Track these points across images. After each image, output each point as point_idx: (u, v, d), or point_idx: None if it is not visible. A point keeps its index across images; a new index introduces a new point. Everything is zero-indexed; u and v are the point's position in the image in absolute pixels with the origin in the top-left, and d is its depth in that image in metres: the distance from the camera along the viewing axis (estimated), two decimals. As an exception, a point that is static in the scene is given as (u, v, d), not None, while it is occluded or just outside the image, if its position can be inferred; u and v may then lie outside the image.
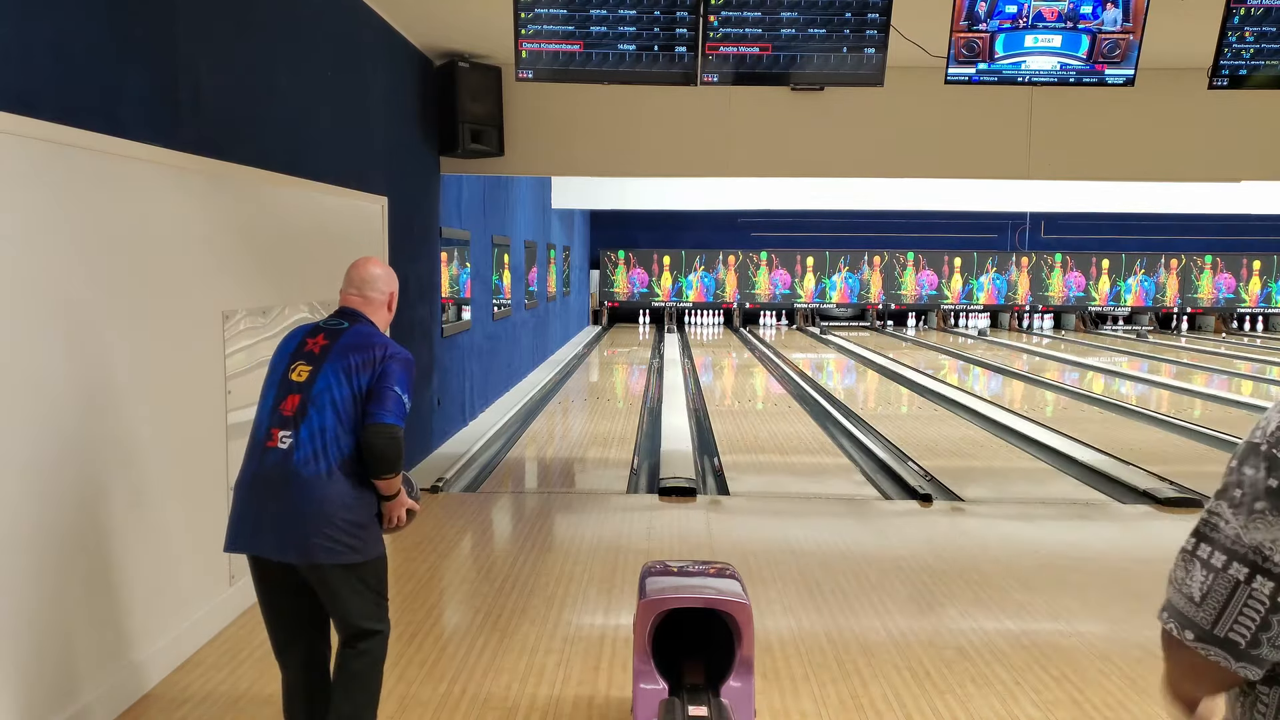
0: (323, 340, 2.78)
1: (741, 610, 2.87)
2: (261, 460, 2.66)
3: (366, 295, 3.01)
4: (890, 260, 22.21)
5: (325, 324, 2.89)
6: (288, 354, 2.79)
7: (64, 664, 3.00)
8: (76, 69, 3.06)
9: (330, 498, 2.61)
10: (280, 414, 2.67)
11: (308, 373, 2.71)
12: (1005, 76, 4.66)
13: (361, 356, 2.73)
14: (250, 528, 2.66)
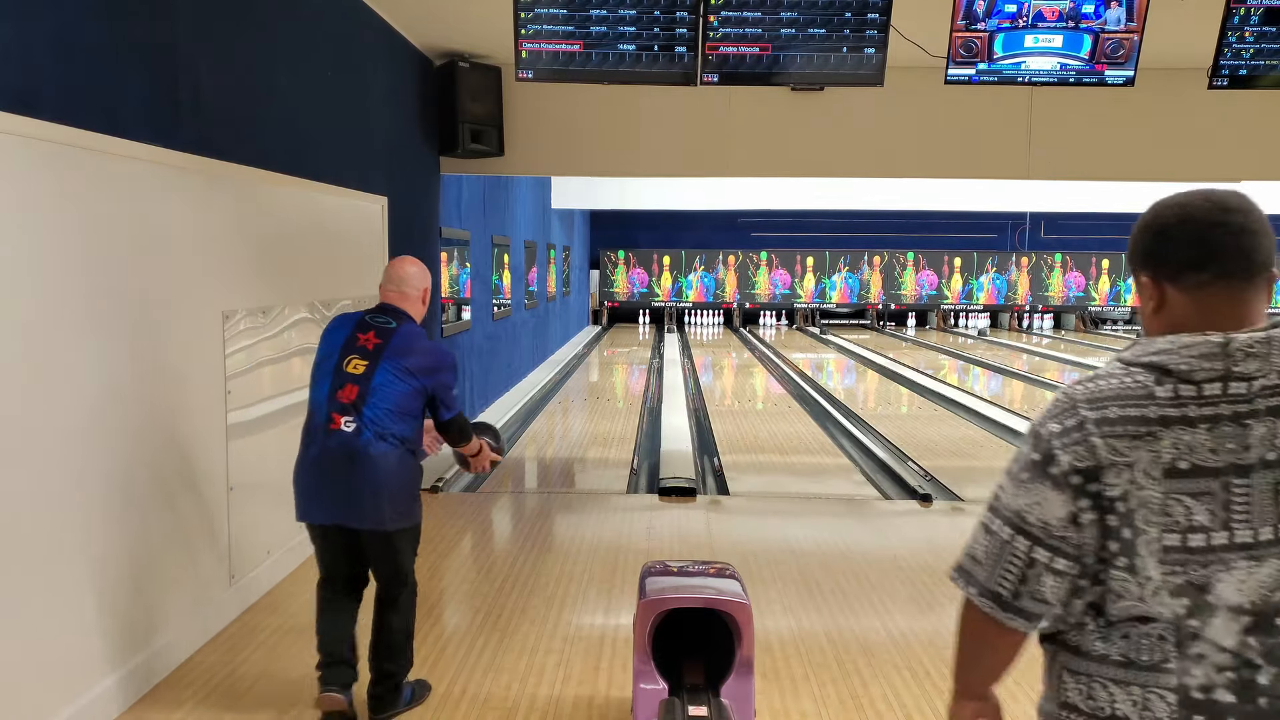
0: (375, 338, 3.17)
1: (741, 610, 2.87)
2: (325, 441, 3.08)
3: (404, 291, 3.33)
4: (890, 260, 22.22)
5: (374, 321, 3.24)
6: (338, 347, 3.18)
7: (62, 663, 3.00)
8: (76, 69, 3.06)
9: (394, 473, 3.09)
10: (339, 401, 3.09)
11: (364, 367, 3.12)
12: (1005, 76, 4.66)
13: (415, 361, 3.17)
14: (320, 500, 3.12)
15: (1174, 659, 1.30)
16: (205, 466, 3.86)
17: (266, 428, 4.39)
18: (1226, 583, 1.28)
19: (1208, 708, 1.28)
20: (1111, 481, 1.31)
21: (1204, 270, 1.35)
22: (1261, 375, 1.30)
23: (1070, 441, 1.35)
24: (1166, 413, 1.31)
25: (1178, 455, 1.29)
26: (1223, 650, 1.28)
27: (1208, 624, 1.29)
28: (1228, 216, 1.35)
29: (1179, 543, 1.29)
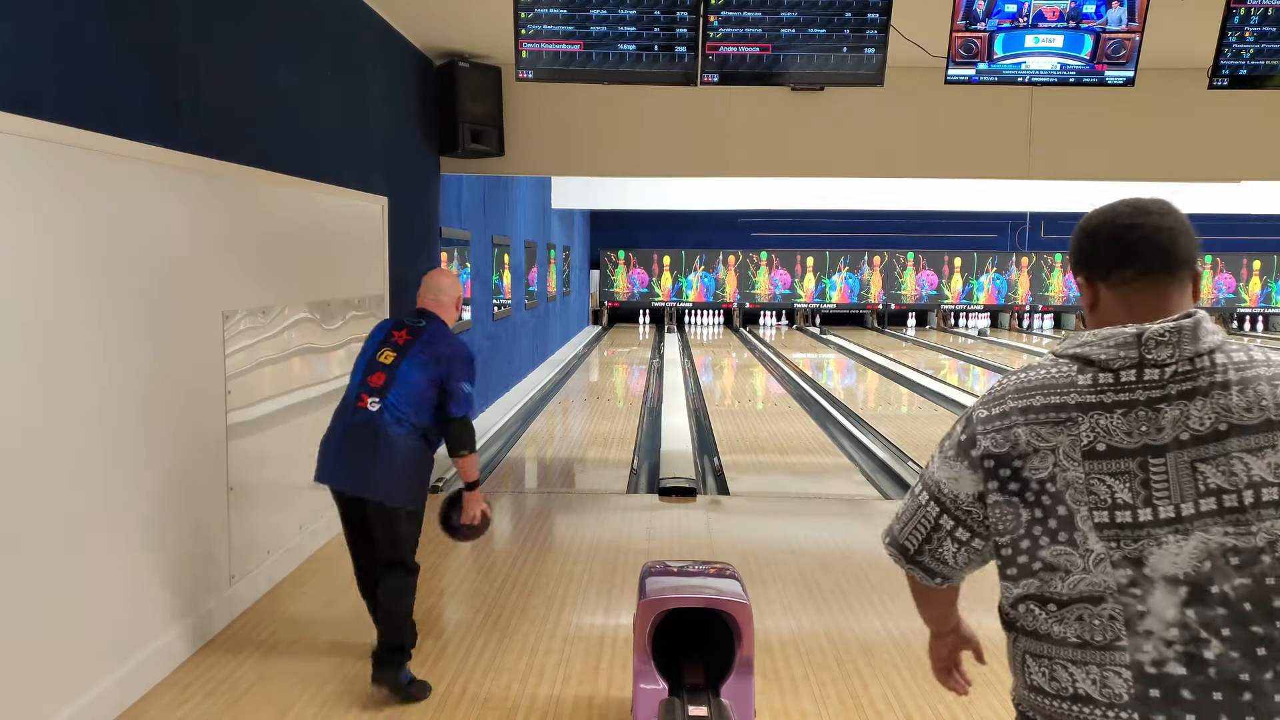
0: (406, 335, 3.55)
1: (741, 610, 2.87)
2: (353, 416, 3.45)
3: (439, 300, 3.72)
4: (890, 260, 22.21)
5: (408, 321, 3.64)
6: (377, 341, 3.58)
7: (63, 663, 3.00)
8: (76, 69, 3.06)
9: (406, 456, 3.42)
10: (369, 384, 3.47)
11: (393, 357, 3.49)
12: (1005, 76, 4.66)
13: (435, 353, 3.50)
14: (337, 466, 3.49)
15: (1125, 637, 1.37)
16: (205, 466, 3.86)
17: (266, 428, 4.39)
18: (1159, 555, 1.37)
19: (1161, 681, 1.35)
20: (1036, 465, 1.44)
21: (1127, 267, 1.47)
22: (1172, 363, 1.40)
23: (992, 429, 1.49)
24: (1085, 399, 1.42)
25: (1095, 438, 1.41)
26: (1168, 625, 1.36)
27: (1149, 595, 1.37)
28: (1146, 218, 1.49)
29: (1108, 519, 1.40)
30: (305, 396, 4.82)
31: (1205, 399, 1.39)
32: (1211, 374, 1.40)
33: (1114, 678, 1.38)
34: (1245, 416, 1.38)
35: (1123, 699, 1.37)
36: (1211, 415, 1.38)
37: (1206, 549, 1.36)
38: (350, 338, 5.42)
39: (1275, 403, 1.37)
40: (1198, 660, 1.34)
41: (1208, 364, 1.40)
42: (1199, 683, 1.34)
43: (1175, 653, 1.35)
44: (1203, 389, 1.39)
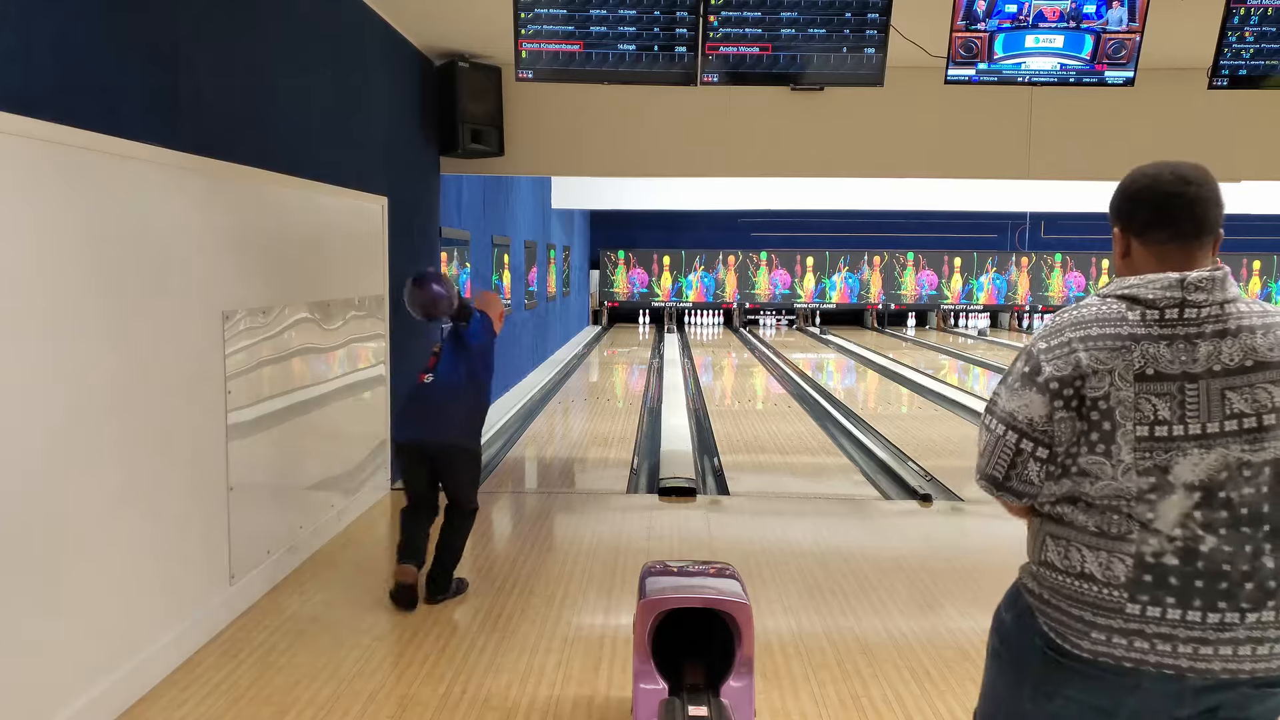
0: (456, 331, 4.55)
1: (741, 610, 2.87)
2: (417, 390, 4.44)
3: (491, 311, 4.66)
4: (890, 260, 22.21)
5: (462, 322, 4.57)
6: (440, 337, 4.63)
7: (63, 663, 3.00)
8: (76, 69, 3.06)
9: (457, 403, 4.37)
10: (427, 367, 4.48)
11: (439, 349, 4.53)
12: (1005, 77, 4.66)
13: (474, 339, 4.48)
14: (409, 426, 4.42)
15: (1136, 532, 1.65)
16: (205, 466, 3.86)
17: (266, 428, 4.39)
18: (1182, 464, 1.64)
19: (1155, 569, 1.63)
20: (1095, 385, 1.67)
21: (1162, 231, 1.72)
22: (1208, 305, 1.66)
23: (1055, 356, 1.71)
24: (1136, 331, 1.67)
25: (1145, 364, 1.65)
26: (1174, 524, 1.63)
27: (1165, 499, 1.64)
28: (1185, 189, 1.70)
29: (1148, 433, 1.65)
30: (305, 396, 4.82)
31: (1235, 339, 1.65)
32: (1239, 319, 1.66)
33: (1118, 563, 1.65)
34: (1269, 355, 1.65)
35: (1119, 580, 1.65)
36: (1240, 352, 1.65)
37: (1224, 461, 1.63)
38: (350, 338, 5.42)
39: None
40: (1192, 553, 1.62)
41: (1234, 310, 1.67)
42: (1187, 572, 1.61)
43: (1175, 547, 1.63)
44: (1232, 330, 1.66)
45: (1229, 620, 1.61)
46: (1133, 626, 1.64)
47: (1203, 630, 1.62)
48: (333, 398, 5.19)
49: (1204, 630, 1.62)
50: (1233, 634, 1.61)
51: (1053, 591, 1.73)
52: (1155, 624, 1.63)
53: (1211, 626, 1.61)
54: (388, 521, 5.68)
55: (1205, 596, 1.61)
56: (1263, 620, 1.62)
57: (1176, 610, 1.62)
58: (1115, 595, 1.65)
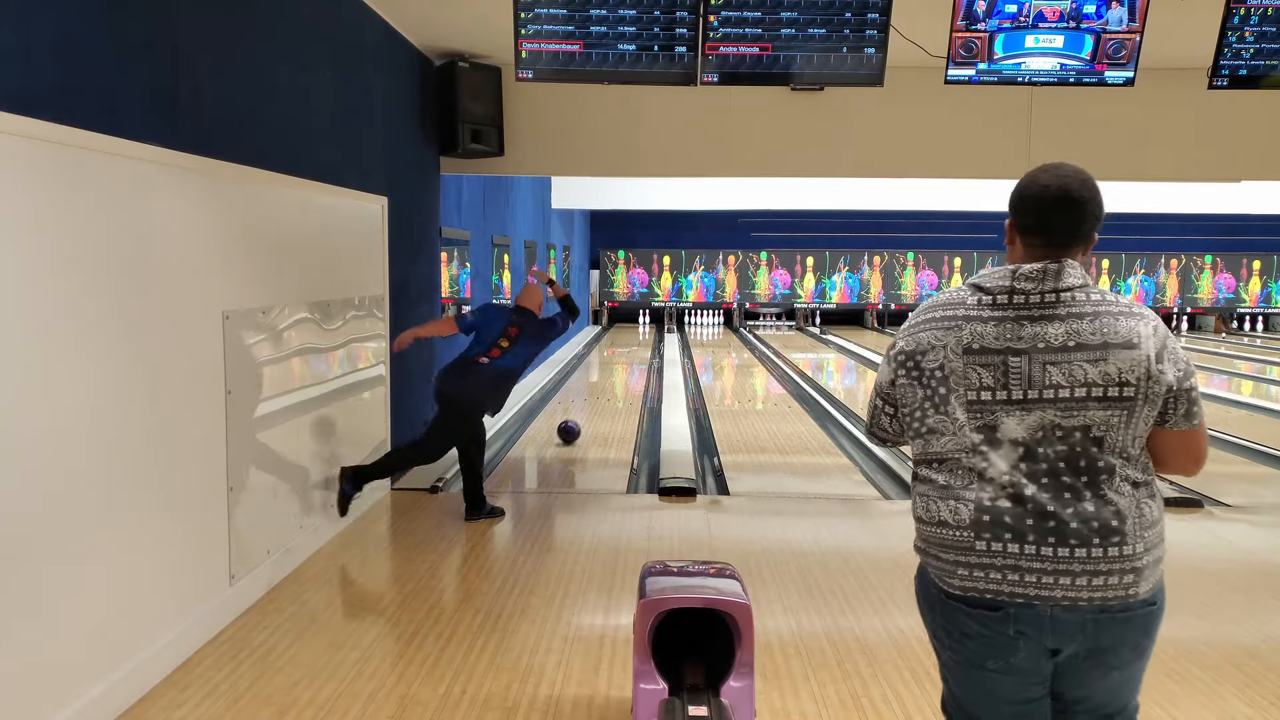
0: (515, 331, 5.56)
1: (741, 610, 2.87)
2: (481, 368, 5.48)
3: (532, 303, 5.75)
4: (890, 260, 22.21)
5: (517, 320, 5.62)
6: (497, 330, 5.55)
7: (62, 663, 3.00)
8: (76, 69, 3.06)
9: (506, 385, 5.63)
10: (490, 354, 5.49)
11: (508, 344, 5.52)
12: (1005, 77, 4.66)
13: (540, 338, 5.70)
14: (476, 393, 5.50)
15: (975, 482, 1.95)
16: (205, 466, 3.86)
17: (266, 427, 4.39)
18: (1007, 424, 1.94)
19: (992, 511, 1.92)
20: (932, 358, 2.00)
21: (1038, 237, 2.02)
22: (1035, 293, 1.96)
23: (906, 335, 2.07)
24: (969, 313, 1.99)
25: (972, 340, 1.96)
26: (1003, 474, 1.93)
27: (994, 453, 1.94)
28: (1069, 207, 1.98)
29: (975, 397, 1.96)
30: (305, 396, 4.82)
31: (1062, 322, 1.93)
32: (1071, 306, 1.94)
33: (962, 508, 1.95)
34: (1090, 338, 1.92)
35: (965, 523, 1.94)
36: (1064, 334, 1.93)
37: (1041, 423, 1.93)
38: (350, 338, 5.42)
39: (1114, 331, 1.91)
40: (1021, 498, 1.91)
41: (1070, 298, 1.95)
42: (1018, 513, 1.91)
43: (1006, 494, 1.93)
44: (1061, 316, 1.94)
45: (1061, 554, 1.89)
46: (984, 561, 1.93)
47: (1041, 563, 1.90)
48: (333, 398, 5.19)
49: (1042, 563, 1.90)
50: (1068, 567, 1.89)
51: (926, 541, 2.03)
52: (1000, 558, 1.92)
53: (1048, 559, 1.90)
54: (388, 521, 5.68)
55: (1037, 534, 1.90)
56: (1091, 555, 1.88)
57: (1014, 545, 1.91)
58: (965, 536, 1.94)
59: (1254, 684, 3.63)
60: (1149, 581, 1.94)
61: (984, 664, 1.99)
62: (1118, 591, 1.90)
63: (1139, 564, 1.90)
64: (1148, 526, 1.92)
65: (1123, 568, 1.89)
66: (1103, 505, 1.89)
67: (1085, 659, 1.95)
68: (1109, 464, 1.91)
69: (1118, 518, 1.89)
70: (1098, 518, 1.88)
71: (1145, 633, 1.97)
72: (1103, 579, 1.89)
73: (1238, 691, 3.56)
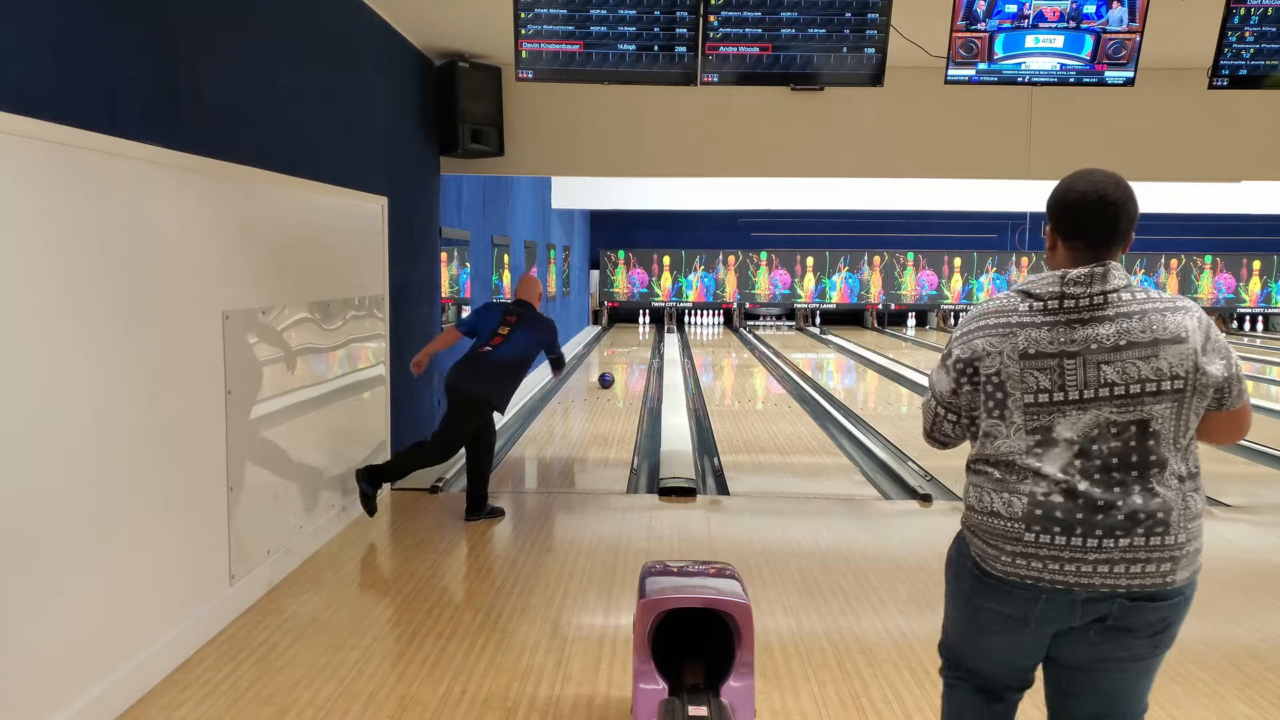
0: (514, 319, 5.69)
1: (741, 610, 2.87)
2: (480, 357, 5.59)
3: (531, 294, 5.90)
4: (890, 260, 22.21)
5: (515, 309, 5.75)
6: (495, 321, 5.68)
7: (62, 663, 3.00)
8: (76, 69, 3.06)
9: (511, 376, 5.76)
10: (492, 342, 5.59)
11: (506, 331, 5.62)
12: (1005, 77, 4.66)
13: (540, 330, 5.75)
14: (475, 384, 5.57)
15: (1029, 478, 2.08)
16: (205, 466, 3.86)
17: (266, 428, 4.39)
18: (1062, 424, 2.06)
19: (1044, 505, 2.05)
20: (988, 364, 2.11)
21: (1081, 240, 2.11)
22: (1084, 296, 2.06)
23: (960, 343, 2.18)
24: (1023, 320, 2.09)
25: (1028, 345, 2.08)
26: (1058, 471, 2.05)
27: (1049, 452, 2.06)
28: (1106, 209, 2.08)
29: (1033, 400, 2.08)
30: (305, 396, 4.82)
31: (1112, 323, 2.04)
32: (1119, 306, 2.05)
33: (1016, 501, 2.08)
34: (1140, 336, 2.03)
35: (1017, 514, 2.07)
36: (1115, 334, 2.03)
37: (1096, 421, 2.04)
38: (350, 338, 5.42)
39: (1162, 327, 2.03)
40: (1072, 493, 2.03)
41: (1116, 299, 2.06)
42: (1068, 507, 2.03)
43: (1059, 489, 2.04)
44: (1110, 316, 2.05)
45: (1105, 545, 2.02)
46: (1029, 550, 2.07)
47: (1084, 553, 2.03)
48: (333, 398, 5.19)
49: (1084, 553, 2.03)
50: (1108, 555, 2.02)
51: (975, 527, 2.18)
52: (1046, 549, 2.05)
53: (1091, 550, 2.03)
54: (388, 521, 5.68)
55: (1084, 527, 2.03)
56: (1134, 545, 2.01)
57: (1062, 537, 2.04)
58: (1015, 527, 2.08)
59: (1254, 684, 3.63)
60: (1186, 570, 2.06)
61: (991, 632, 2.21)
62: (1155, 579, 2.03)
63: (1179, 553, 2.03)
64: (1191, 519, 2.05)
65: (1162, 556, 2.02)
66: (1150, 498, 2.01)
67: (1099, 639, 2.09)
68: (1161, 458, 2.02)
69: (1164, 509, 2.01)
70: (1145, 509, 2.00)
71: (1172, 616, 2.10)
72: (1141, 566, 2.02)
73: (1238, 691, 3.56)
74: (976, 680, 2.34)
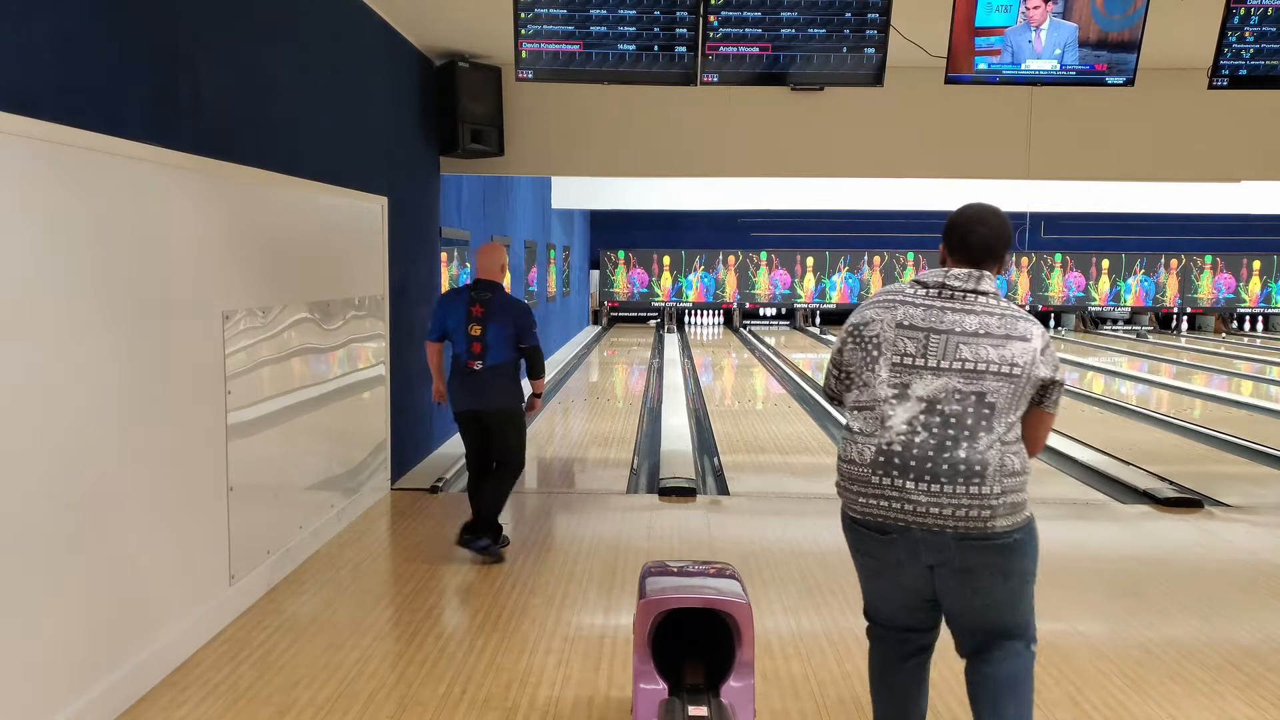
0: (480, 309, 4.86)
1: (741, 610, 2.87)
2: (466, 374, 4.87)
3: (492, 270, 4.99)
4: (890, 260, 22.21)
5: (478, 296, 4.89)
6: (462, 316, 4.87)
7: (62, 663, 3.00)
8: (76, 69, 3.06)
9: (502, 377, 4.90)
10: (472, 352, 4.85)
11: (480, 330, 4.85)
12: (1005, 77, 4.66)
13: (511, 315, 4.89)
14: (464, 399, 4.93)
15: (879, 429, 2.52)
16: (205, 466, 3.86)
17: (266, 428, 4.39)
18: (918, 385, 2.50)
19: (887, 453, 2.49)
20: (871, 329, 2.59)
21: (962, 254, 2.62)
22: (959, 292, 2.55)
23: (857, 312, 2.67)
24: (906, 299, 2.57)
25: (905, 318, 2.55)
26: (902, 423, 2.49)
27: (901, 405, 2.50)
28: (983, 232, 2.63)
29: (899, 361, 2.53)
30: (305, 396, 4.82)
31: (976, 316, 2.52)
32: (985, 306, 2.53)
33: (867, 450, 2.52)
34: (995, 330, 2.50)
35: (867, 461, 2.52)
36: (976, 324, 2.50)
37: (945, 386, 2.48)
38: (350, 338, 5.42)
39: (1014, 329, 2.51)
40: (911, 444, 2.47)
41: (985, 300, 2.54)
42: (905, 455, 2.46)
43: (900, 439, 2.48)
44: (976, 311, 2.52)
45: (933, 489, 2.43)
46: (876, 492, 2.51)
47: (916, 495, 2.45)
48: (333, 398, 5.19)
49: (917, 495, 2.45)
50: (936, 499, 2.44)
51: (841, 476, 2.62)
52: (888, 490, 2.48)
53: (921, 492, 2.44)
54: (388, 522, 5.68)
55: (916, 472, 2.45)
56: (955, 491, 2.42)
57: (900, 480, 2.47)
58: (865, 471, 2.52)
59: (1254, 684, 3.63)
60: (1006, 519, 2.46)
61: (880, 575, 2.66)
62: (976, 523, 2.44)
63: (995, 502, 2.44)
64: (1009, 474, 2.46)
65: (981, 504, 2.43)
66: (973, 453, 2.44)
67: (954, 576, 2.53)
68: (990, 425, 2.46)
69: (982, 464, 2.43)
70: (965, 461, 2.43)
71: (1005, 560, 2.50)
72: (964, 510, 2.44)
73: (1238, 691, 3.56)
74: (887, 630, 2.76)
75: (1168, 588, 4.69)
